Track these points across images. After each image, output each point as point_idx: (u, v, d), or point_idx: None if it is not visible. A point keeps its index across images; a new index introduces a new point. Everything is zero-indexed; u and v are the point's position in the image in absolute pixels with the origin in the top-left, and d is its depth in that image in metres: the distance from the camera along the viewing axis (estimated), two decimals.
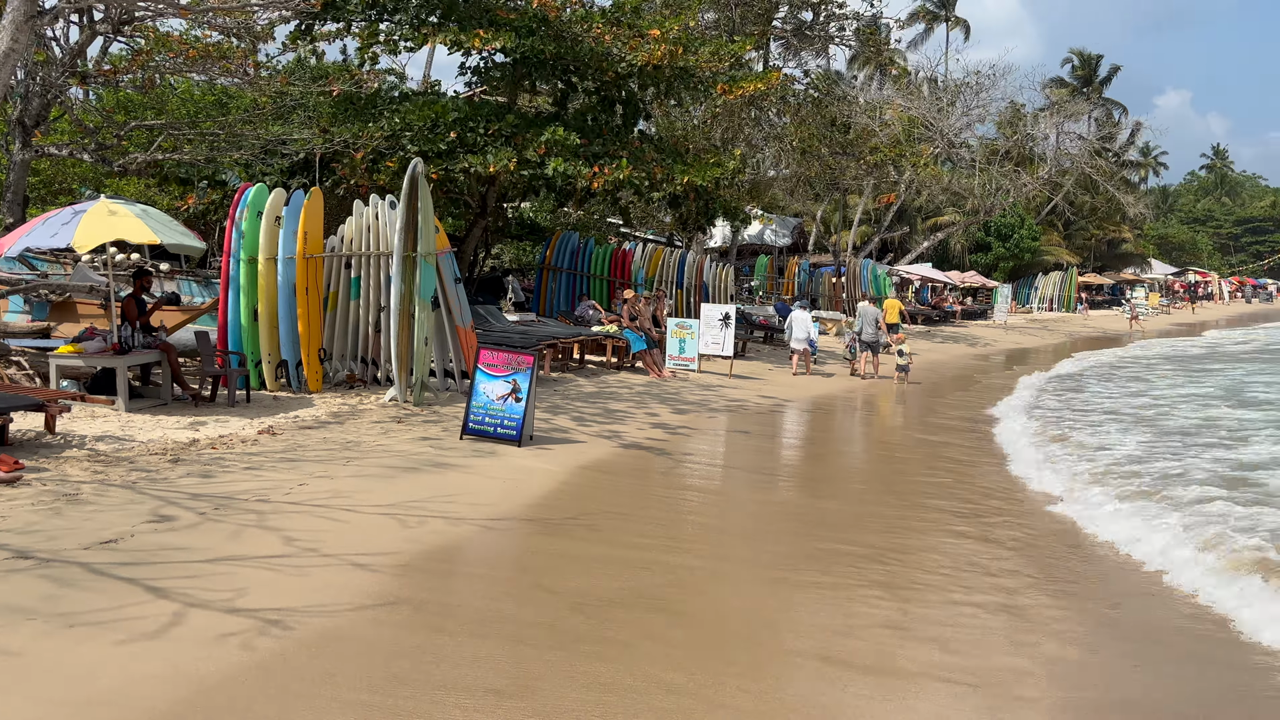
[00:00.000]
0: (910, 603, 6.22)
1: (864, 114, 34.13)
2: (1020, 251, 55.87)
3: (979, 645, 5.54)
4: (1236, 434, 13.71)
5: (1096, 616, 6.23)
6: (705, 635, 5.48)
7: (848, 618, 5.86)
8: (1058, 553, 7.67)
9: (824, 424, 15.33)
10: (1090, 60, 70.51)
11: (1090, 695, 4.95)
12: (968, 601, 6.28)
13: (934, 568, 7.04)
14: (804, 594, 6.32)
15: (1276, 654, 5.58)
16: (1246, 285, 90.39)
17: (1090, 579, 7.07)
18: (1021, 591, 6.55)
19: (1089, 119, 53.95)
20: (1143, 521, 8.25)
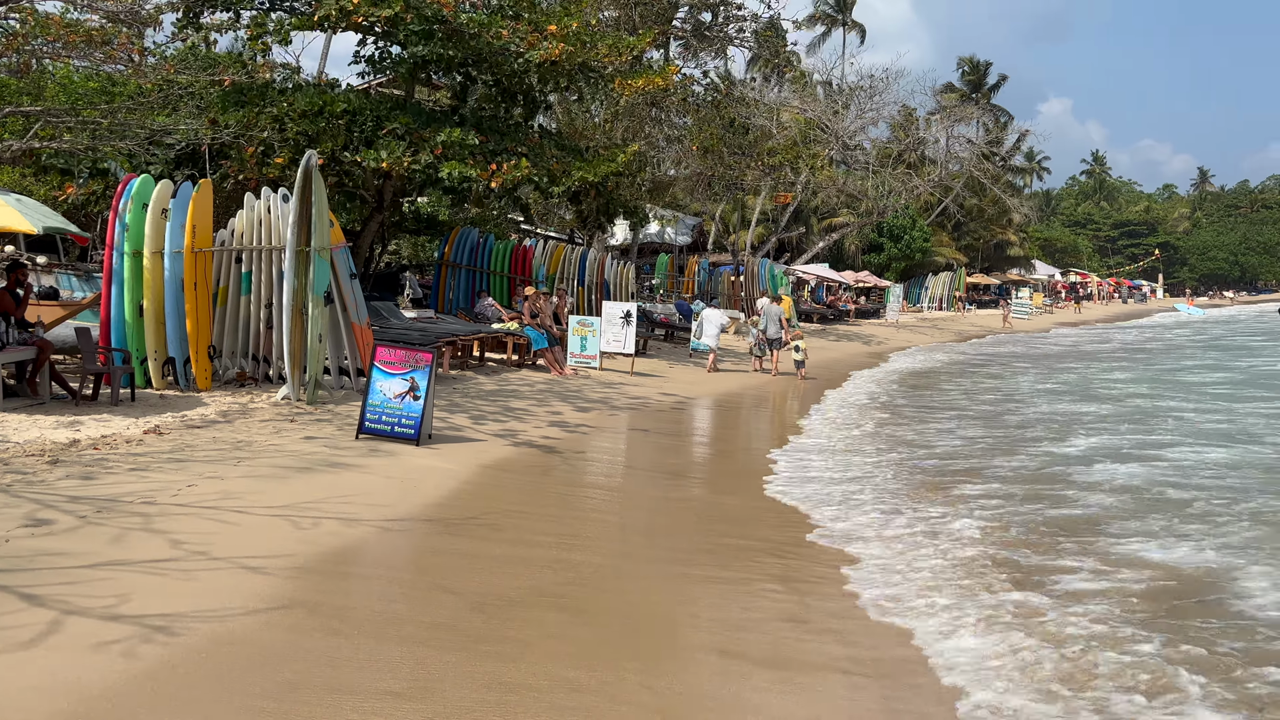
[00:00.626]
0: (809, 595, 6.34)
1: (762, 116, 34.62)
2: (912, 252, 57.35)
3: (874, 635, 5.68)
4: (1063, 428, 14.33)
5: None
6: (607, 632, 5.49)
7: (746, 611, 5.94)
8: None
9: (725, 420, 15.51)
10: (979, 67, 72.80)
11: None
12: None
13: (830, 561, 7.18)
14: (704, 589, 6.38)
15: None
16: (1123, 286, 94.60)
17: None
18: None
19: (978, 124, 55.70)
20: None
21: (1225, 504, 9.06)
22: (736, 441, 13.93)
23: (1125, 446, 12.46)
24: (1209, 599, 6.44)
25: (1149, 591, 6.50)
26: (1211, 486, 9.89)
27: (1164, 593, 6.51)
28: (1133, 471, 10.64)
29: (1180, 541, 7.74)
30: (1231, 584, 6.69)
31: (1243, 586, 6.61)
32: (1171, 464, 11.21)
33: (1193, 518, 8.55)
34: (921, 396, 18.87)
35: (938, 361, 28.15)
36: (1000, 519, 8.36)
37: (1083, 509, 8.92)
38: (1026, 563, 7.09)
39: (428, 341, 14.08)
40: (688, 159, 31.96)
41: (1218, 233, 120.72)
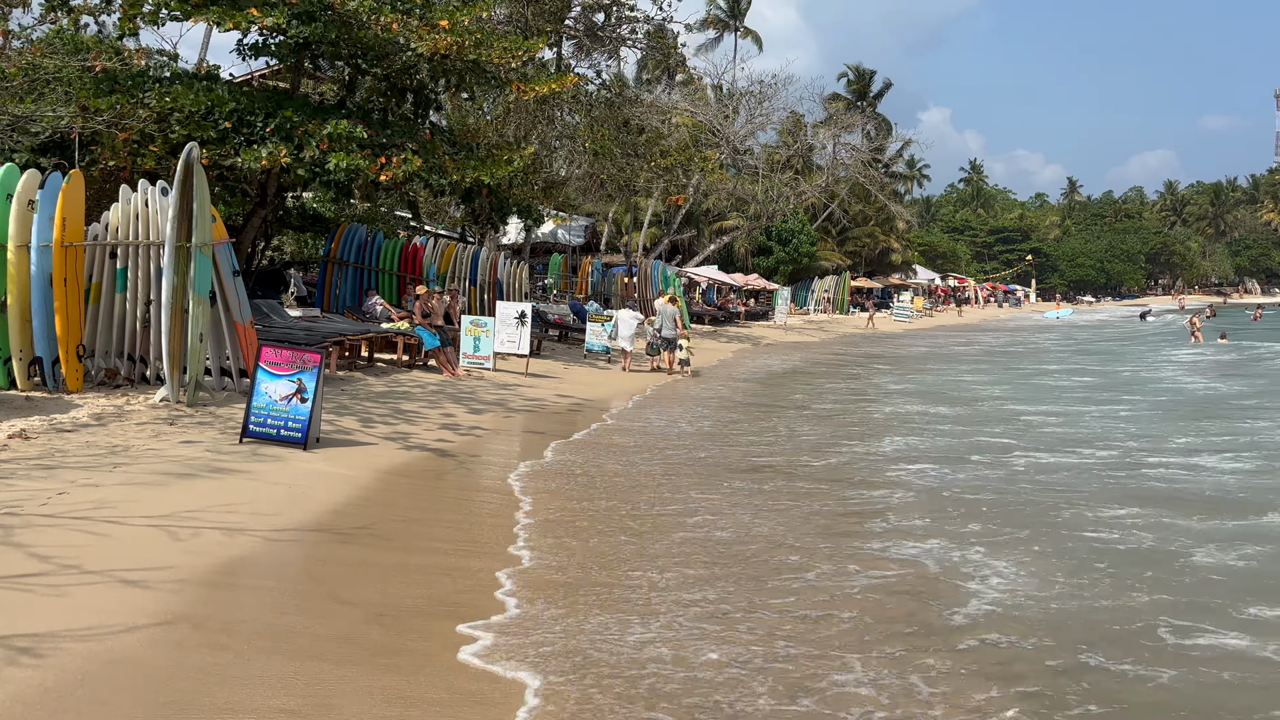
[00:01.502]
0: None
1: (655, 118, 34.76)
2: (799, 256, 58.48)
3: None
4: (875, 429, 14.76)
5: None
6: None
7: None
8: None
9: (621, 420, 15.45)
10: (864, 76, 74.65)
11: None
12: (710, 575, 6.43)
13: (740, 558, 7.19)
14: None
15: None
16: (999, 291, 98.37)
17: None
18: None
19: (862, 132, 57.13)
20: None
21: (1005, 507, 9.00)
22: (626, 439, 13.91)
23: (935, 449, 12.51)
24: (920, 597, 6.46)
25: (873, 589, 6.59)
26: (1005, 489, 9.84)
27: (885, 590, 6.57)
28: (938, 473, 10.66)
29: (920, 541, 7.69)
30: (954, 587, 6.62)
31: (968, 588, 6.56)
32: (985, 467, 11.13)
33: (964, 519, 8.47)
34: (786, 394, 19.21)
35: (811, 361, 28.74)
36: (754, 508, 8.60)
37: (855, 507, 9.08)
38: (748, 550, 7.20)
39: (314, 341, 13.65)
40: (580, 159, 31.87)
41: (1085, 240, 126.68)
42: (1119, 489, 9.95)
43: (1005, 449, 12.48)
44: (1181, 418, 15.88)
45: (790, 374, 24.45)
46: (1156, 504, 9.14)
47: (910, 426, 14.76)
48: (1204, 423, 15.22)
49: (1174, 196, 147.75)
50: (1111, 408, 17.37)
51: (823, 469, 11.08)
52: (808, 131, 53.40)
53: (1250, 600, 6.27)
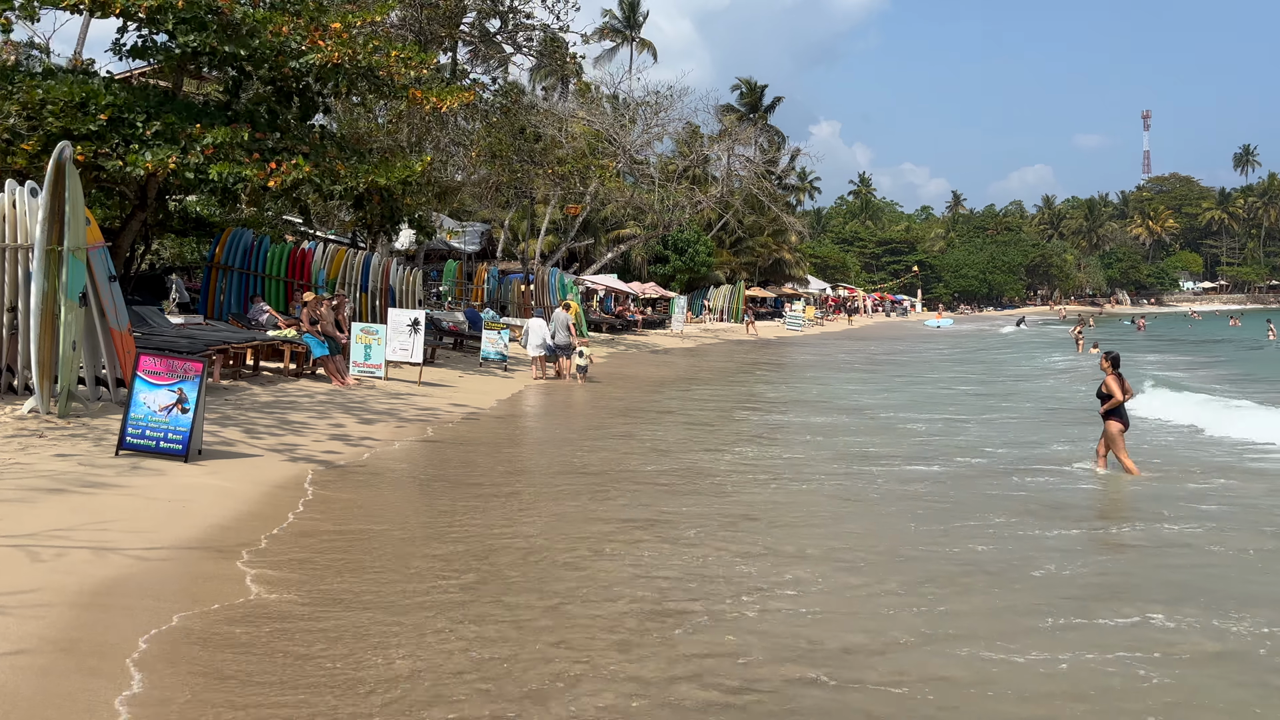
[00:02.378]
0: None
1: (552, 125, 34.71)
2: (696, 265, 59.11)
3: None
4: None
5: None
6: (383, 672, 5.24)
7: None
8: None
9: (516, 429, 15.34)
10: (756, 89, 75.86)
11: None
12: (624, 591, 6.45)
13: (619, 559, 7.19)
14: (482, 625, 6.23)
15: None
16: (887, 301, 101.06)
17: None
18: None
19: (756, 144, 58.02)
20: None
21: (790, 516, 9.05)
22: (512, 445, 13.81)
23: (783, 459, 12.47)
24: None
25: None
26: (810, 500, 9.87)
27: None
28: (767, 483, 10.65)
29: (689, 547, 7.65)
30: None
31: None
32: (831, 477, 11.09)
33: (741, 529, 8.41)
34: (666, 401, 19.36)
35: (704, 369, 29.04)
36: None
37: (648, 515, 9.01)
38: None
39: (197, 349, 13.19)
40: (476, 165, 31.61)
41: (969, 252, 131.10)
42: (979, 497, 10.29)
43: (868, 458, 12.71)
44: (1058, 424, 16.49)
45: (679, 381, 24.64)
46: (1017, 512, 9.48)
47: (777, 434, 15.00)
48: (1075, 429, 15.84)
49: (1051, 211, 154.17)
50: (991, 416, 17.94)
51: (650, 473, 11.02)
52: (703, 142, 54.04)
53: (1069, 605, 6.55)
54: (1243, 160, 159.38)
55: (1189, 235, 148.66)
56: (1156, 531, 8.68)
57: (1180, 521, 8.98)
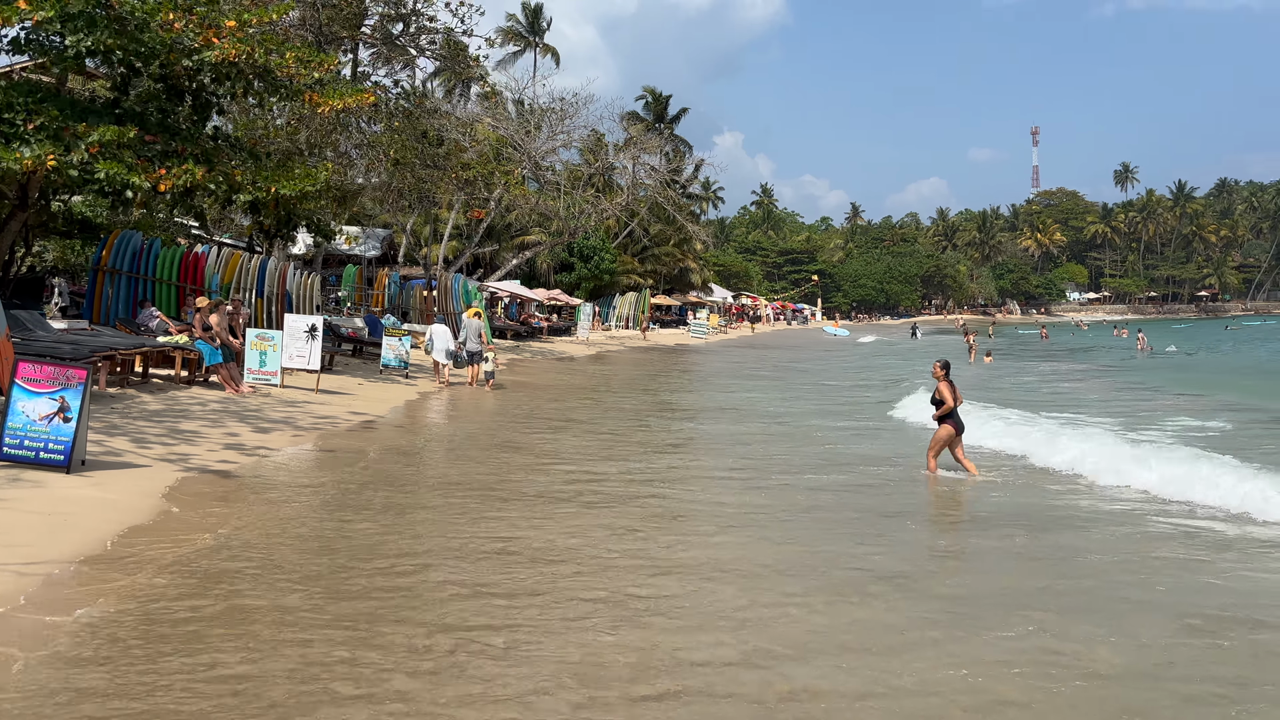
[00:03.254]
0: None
1: (456, 129, 34.36)
2: (601, 273, 59.18)
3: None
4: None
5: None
6: (281, 688, 5.12)
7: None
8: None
9: (413, 438, 15.13)
10: (662, 99, 76.38)
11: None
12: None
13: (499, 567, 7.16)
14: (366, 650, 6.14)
15: None
16: (788, 309, 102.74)
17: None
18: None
19: (661, 153, 58.41)
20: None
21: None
22: (405, 455, 13.65)
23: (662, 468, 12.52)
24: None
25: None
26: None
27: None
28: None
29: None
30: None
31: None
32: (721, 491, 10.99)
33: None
34: (565, 409, 19.41)
35: (607, 376, 29.15)
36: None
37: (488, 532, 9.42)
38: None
39: (81, 356, 12.70)
40: (378, 168, 31.10)
41: (866, 262, 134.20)
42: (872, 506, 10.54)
43: (769, 466, 12.96)
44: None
45: (583, 388, 24.65)
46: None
47: (678, 443, 15.16)
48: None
49: (946, 223, 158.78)
50: (878, 425, 18.38)
51: (542, 483, 10.90)
52: (609, 150, 54.18)
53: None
54: (1123, 177, 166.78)
55: (1075, 248, 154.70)
56: (1038, 540, 9.01)
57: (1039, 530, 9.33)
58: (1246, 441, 15.20)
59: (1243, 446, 13.75)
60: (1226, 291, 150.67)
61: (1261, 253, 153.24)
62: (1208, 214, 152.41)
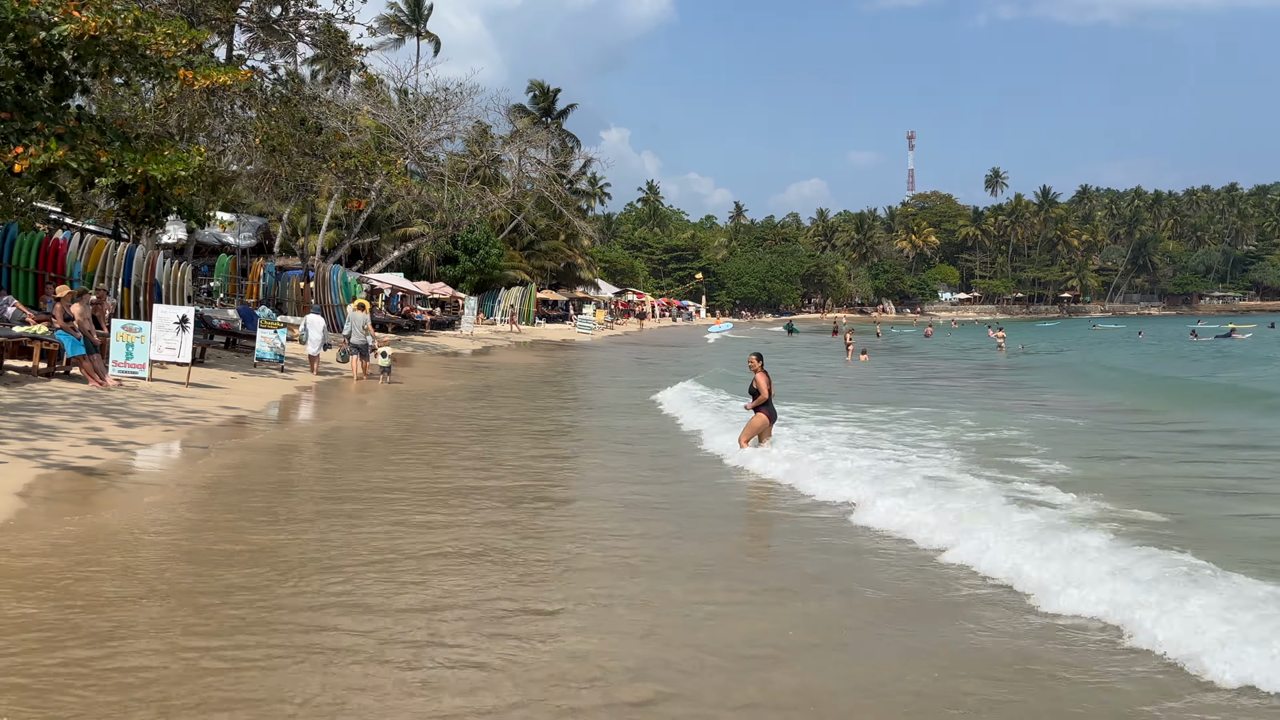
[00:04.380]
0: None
1: (335, 117, 33.54)
2: (486, 266, 58.60)
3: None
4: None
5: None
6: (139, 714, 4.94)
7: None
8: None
9: (284, 434, 14.73)
10: (549, 92, 76.07)
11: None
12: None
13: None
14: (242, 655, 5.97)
15: None
16: (673, 306, 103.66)
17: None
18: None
19: (548, 148, 58.18)
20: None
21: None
22: (277, 452, 13.30)
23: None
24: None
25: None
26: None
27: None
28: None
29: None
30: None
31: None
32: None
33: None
34: (448, 404, 19.27)
35: (490, 372, 28.95)
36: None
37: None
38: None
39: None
40: (253, 155, 30.12)
41: (749, 261, 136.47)
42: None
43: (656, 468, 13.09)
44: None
45: (467, 384, 24.36)
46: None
47: (558, 439, 15.17)
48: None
49: (825, 224, 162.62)
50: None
51: (416, 483, 10.71)
52: (495, 143, 53.65)
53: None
54: (993, 182, 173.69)
55: (948, 249, 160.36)
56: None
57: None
58: (1063, 439, 16.01)
59: (1044, 445, 14.10)
60: (1087, 293, 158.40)
61: (1119, 257, 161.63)
62: (1071, 219, 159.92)
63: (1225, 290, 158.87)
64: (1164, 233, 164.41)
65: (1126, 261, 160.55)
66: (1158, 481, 11.51)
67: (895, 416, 17.74)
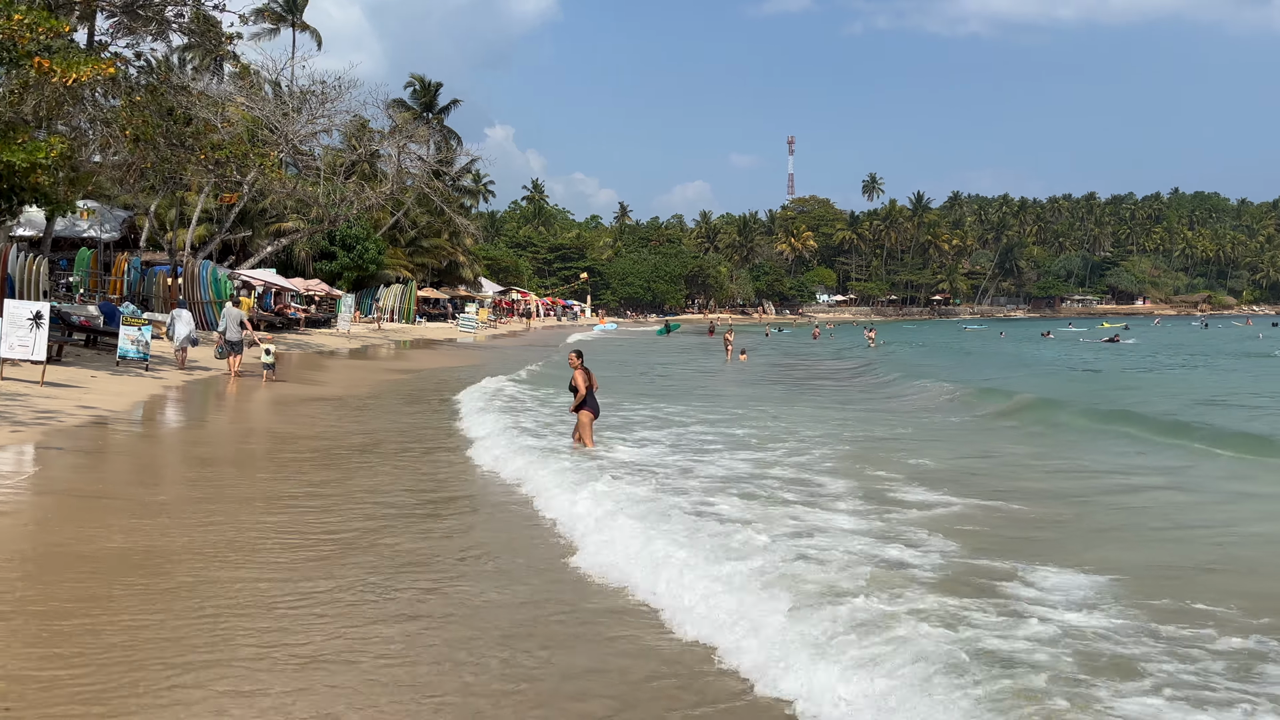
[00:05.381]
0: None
1: (205, 108, 32.49)
2: (365, 263, 57.40)
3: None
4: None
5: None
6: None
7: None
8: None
9: (144, 436, 14.29)
10: (431, 87, 75.03)
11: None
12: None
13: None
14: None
15: None
16: (558, 305, 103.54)
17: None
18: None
19: (429, 143, 57.46)
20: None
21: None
22: (127, 455, 12.92)
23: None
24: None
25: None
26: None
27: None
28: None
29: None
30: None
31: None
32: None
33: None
34: (314, 408, 19.01)
35: (364, 373, 28.55)
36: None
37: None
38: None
39: None
40: (117, 145, 28.93)
41: (634, 261, 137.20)
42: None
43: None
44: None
45: (339, 385, 23.96)
46: None
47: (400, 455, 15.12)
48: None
49: (708, 225, 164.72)
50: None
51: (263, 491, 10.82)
52: (373, 138, 52.68)
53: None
54: (870, 187, 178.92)
55: (825, 252, 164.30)
56: None
57: None
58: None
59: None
60: (957, 296, 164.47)
61: (986, 261, 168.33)
62: (942, 224, 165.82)
63: (1085, 294, 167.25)
64: (1029, 238, 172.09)
65: (994, 265, 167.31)
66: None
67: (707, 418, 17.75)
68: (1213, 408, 21.09)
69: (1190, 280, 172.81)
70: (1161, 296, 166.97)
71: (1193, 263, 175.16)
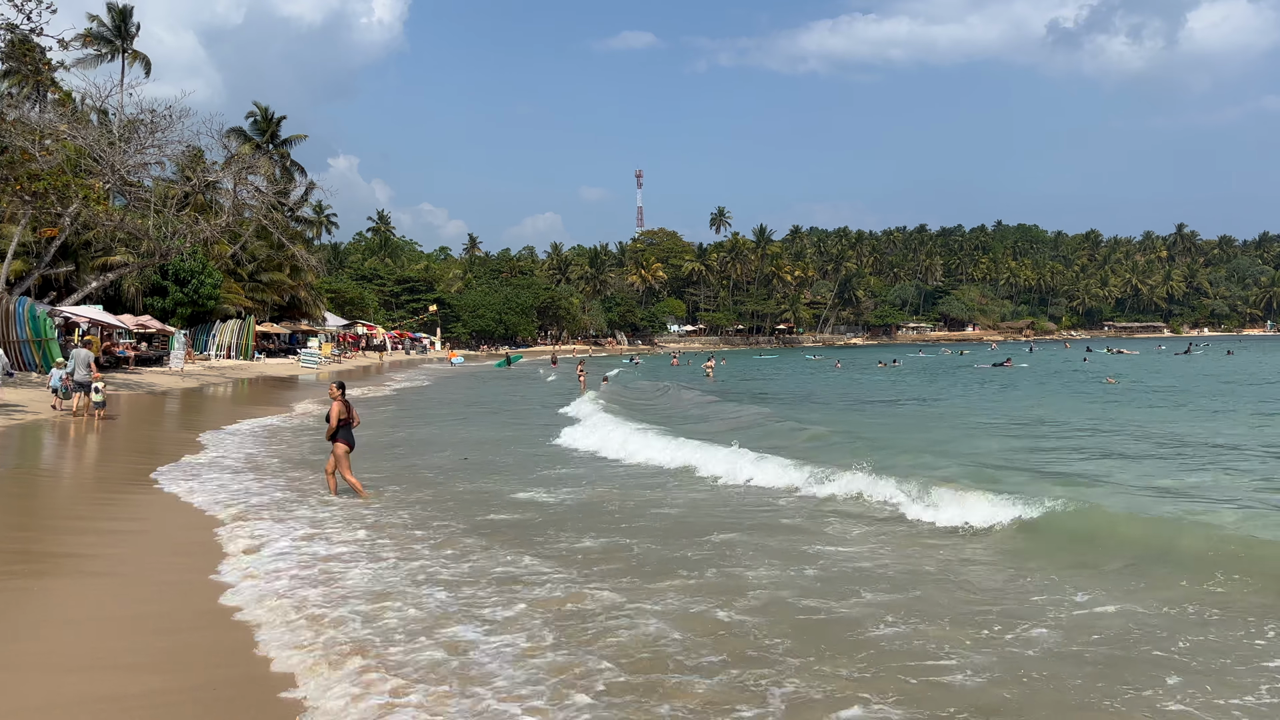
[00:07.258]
0: None
1: (22, 136, 30.79)
2: (200, 298, 55.17)
3: None
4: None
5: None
6: None
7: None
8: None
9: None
10: (272, 118, 73.03)
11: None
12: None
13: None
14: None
15: None
16: (406, 338, 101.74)
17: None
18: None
19: (269, 175, 55.85)
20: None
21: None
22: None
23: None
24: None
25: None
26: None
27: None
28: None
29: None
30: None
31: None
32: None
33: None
34: (143, 458, 18.36)
35: (201, 415, 27.56)
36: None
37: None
38: None
39: None
40: None
41: (485, 293, 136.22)
42: None
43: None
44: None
45: (175, 428, 23.07)
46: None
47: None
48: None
49: (560, 257, 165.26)
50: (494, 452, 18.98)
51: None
52: (209, 169, 50.84)
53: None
54: (718, 220, 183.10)
55: (675, 284, 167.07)
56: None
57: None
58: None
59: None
60: (800, 325, 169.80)
61: (827, 291, 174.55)
62: (784, 256, 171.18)
63: (919, 321, 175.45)
64: (866, 269, 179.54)
65: (834, 295, 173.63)
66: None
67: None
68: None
69: (1015, 307, 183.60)
70: (990, 323, 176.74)
71: (1017, 290, 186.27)
